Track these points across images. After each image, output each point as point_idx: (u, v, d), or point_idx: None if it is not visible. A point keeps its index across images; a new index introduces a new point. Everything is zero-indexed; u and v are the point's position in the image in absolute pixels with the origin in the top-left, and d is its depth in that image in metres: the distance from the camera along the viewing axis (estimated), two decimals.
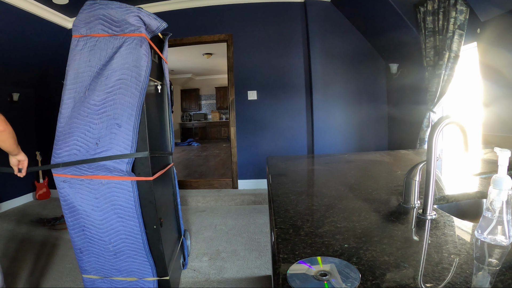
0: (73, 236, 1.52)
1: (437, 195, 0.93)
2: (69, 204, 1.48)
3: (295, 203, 0.91)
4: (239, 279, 2.00)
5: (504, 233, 0.58)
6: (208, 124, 10.71)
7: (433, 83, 2.62)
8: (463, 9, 2.26)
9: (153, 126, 1.70)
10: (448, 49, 2.40)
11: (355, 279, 0.48)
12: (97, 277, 1.59)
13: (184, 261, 2.14)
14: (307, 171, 1.51)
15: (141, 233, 1.49)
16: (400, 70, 3.45)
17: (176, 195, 2.10)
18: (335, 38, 3.70)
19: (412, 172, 0.80)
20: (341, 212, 0.80)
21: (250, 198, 3.61)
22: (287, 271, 0.51)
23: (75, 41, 1.46)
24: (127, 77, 1.41)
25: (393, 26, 3.09)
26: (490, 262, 0.54)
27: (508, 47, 2.00)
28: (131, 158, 1.43)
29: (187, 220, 3.11)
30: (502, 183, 0.59)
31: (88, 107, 1.41)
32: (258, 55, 3.80)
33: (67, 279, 2.02)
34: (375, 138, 3.89)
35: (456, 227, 0.69)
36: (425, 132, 2.76)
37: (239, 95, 3.86)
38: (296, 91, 3.81)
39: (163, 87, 1.92)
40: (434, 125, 0.72)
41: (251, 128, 3.89)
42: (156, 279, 1.58)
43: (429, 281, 0.48)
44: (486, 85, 2.24)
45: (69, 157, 1.43)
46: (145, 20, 1.48)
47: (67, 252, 2.40)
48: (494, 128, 2.20)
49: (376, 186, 1.07)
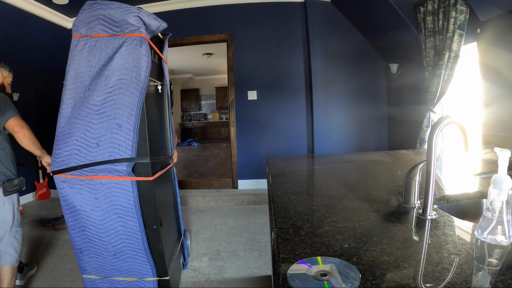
0: (73, 236, 1.52)
1: (437, 195, 0.93)
2: (69, 204, 1.48)
3: (295, 203, 0.91)
4: (239, 279, 2.00)
5: (504, 233, 0.58)
6: (208, 124, 10.70)
7: (433, 83, 2.62)
8: (463, 9, 2.26)
9: (153, 126, 1.70)
10: (448, 49, 2.40)
11: (355, 279, 0.48)
12: (97, 277, 1.59)
13: (184, 261, 2.14)
14: (307, 171, 1.51)
15: (141, 233, 1.49)
16: (400, 70, 3.45)
17: (176, 195, 2.10)
18: (335, 38, 3.70)
19: (412, 172, 0.81)
20: (341, 212, 0.80)
21: (250, 198, 3.61)
22: (287, 271, 0.52)
23: (75, 41, 1.46)
24: (127, 77, 1.41)
25: (393, 26, 3.09)
26: (490, 262, 0.54)
27: (508, 47, 2.00)
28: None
29: (187, 220, 3.11)
30: (502, 183, 0.59)
31: (88, 107, 1.41)
32: (258, 55, 3.80)
33: (67, 279, 2.02)
34: (375, 138, 3.89)
35: (456, 227, 0.69)
36: (425, 132, 2.76)
37: (239, 95, 3.86)
38: (296, 91, 3.81)
39: (163, 87, 1.92)
40: (434, 125, 0.72)
41: (251, 128, 3.89)
42: (156, 279, 1.58)
43: (429, 281, 0.48)
44: (486, 85, 2.24)
45: (69, 157, 1.43)
46: (145, 20, 1.48)
47: (67, 252, 2.40)
48: (494, 128, 2.20)
49: (376, 186, 1.07)
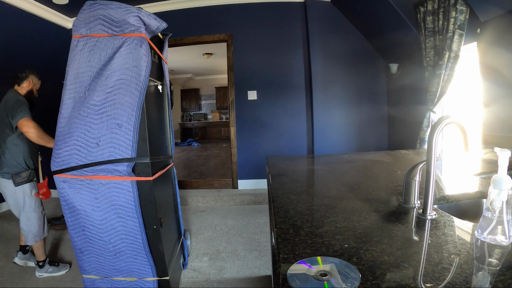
0: (73, 236, 1.52)
1: (437, 195, 0.93)
2: (69, 204, 1.48)
3: (295, 203, 0.91)
4: (239, 279, 2.00)
5: (504, 233, 0.58)
6: (208, 124, 10.70)
7: (433, 83, 2.62)
8: (463, 9, 2.26)
9: (153, 126, 1.70)
10: (448, 49, 2.40)
11: (355, 279, 0.48)
12: (97, 277, 1.59)
13: (184, 261, 2.14)
14: (307, 171, 1.51)
15: (141, 233, 1.49)
16: (400, 70, 3.45)
17: (176, 195, 2.10)
18: (335, 38, 3.69)
19: (412, 172, 0.80)
20: (341, 212, 0.80)
21: (250, 198, 3.61)
22: (287, 271, 0.51)
23: (75, 41, 1.46)
24: (127, 77, 1.41)
25: (393, 26, 3.09)
26: (490, 262, 0.54)
27: (508, 47, 2.00)
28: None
29: (187, 220, 3.11)
30: (502, 183, 0.59)
31: (88, 107, 1.41)
32: (258, 55, 3.79)
33: (67, 279, 2.02)
34: (375, 138, 3.89)
35: (456, 227, 0.69)
36: (425, 132, 2.76)
37: (239, 95, 3.86)
38: (296, 91, 3.80)
39: (163, 87, 1.92)
40: (434, 125, 0.72)
41: (251, 128, 3.89)
42: (156, 279, 1.58)
43: (429, 281, 0.48)
44: (486, 85, 2.24)
45: (69, 157, 1.43)
46: (145, 20, 1.48)
47: (67, 252, 2.40)
48: (494, 128, 2.20)
49: (376, 186, 1.07)
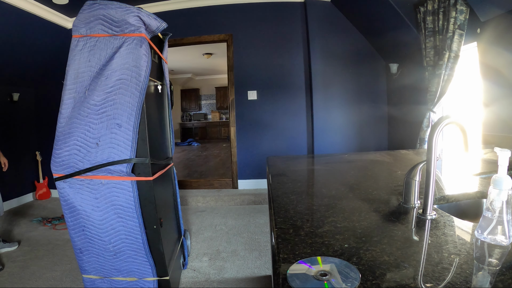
0: (73, 236, 1.52)
1: (437, 195, 0.93)
2: (69, 204, 1.48)
3: (295, 203, 0.91)
4: (239, 279, 2.00)
5: (504, 233, 0.58)
6: (208, 124, 10.70)
7: (433, 83, 2.62)
8: (463, 9, 2.26)
9: (153, 126, 1.70)
10: (448, 49, 2.40)
11: (355, 279, 0.48)
12: (97, 277, 1.59)
13: (184, 261, 2.14)
14: (307, 171, 1.51)
15: (141, 233, 1.49)
16: (400, 70, 3.45)
17: (176, 195, 2.10)
18: (335, 38, 3.69)
19: (412, 172, 0.80)
20: (341, 212, 0.80)
21: (250, 198, 3.61)
22: (287, 271, 0.51)
23: (75, 41, 1.46)
24: (127, 77, 1.41)
25: (393, 26, 3.09)
26: (490, 262, 0.54)
27: (508, 47, 2.00)
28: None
29: (187, 220, 3.11)
30: (502, 183, 0.59)
31: (88, 107, 1.41)
32: (258, 55, 3.79)
33: (67, 279, 2.02)
34: (375, 138, 3.89)
35: (456, 227, 0.69)
36: (425, 132, 2.76)
37: (239, 95, 3.86)
38: (296, 91, 3.81)
39: (163, 87, 1.92)
40: (434, 125, 0.72)
41: (251, 128, 3.89)
42: (156, 279, 1.58)
43: (429, 281, 0.48)
44: (486, 85, 2.24)
45: (69, 157, 1.43)
46: (145, 20, 1.48)
47: (67, 252, 2.40)
48: (494, 128, 2.20)
49: (376, 186, 1.07)
